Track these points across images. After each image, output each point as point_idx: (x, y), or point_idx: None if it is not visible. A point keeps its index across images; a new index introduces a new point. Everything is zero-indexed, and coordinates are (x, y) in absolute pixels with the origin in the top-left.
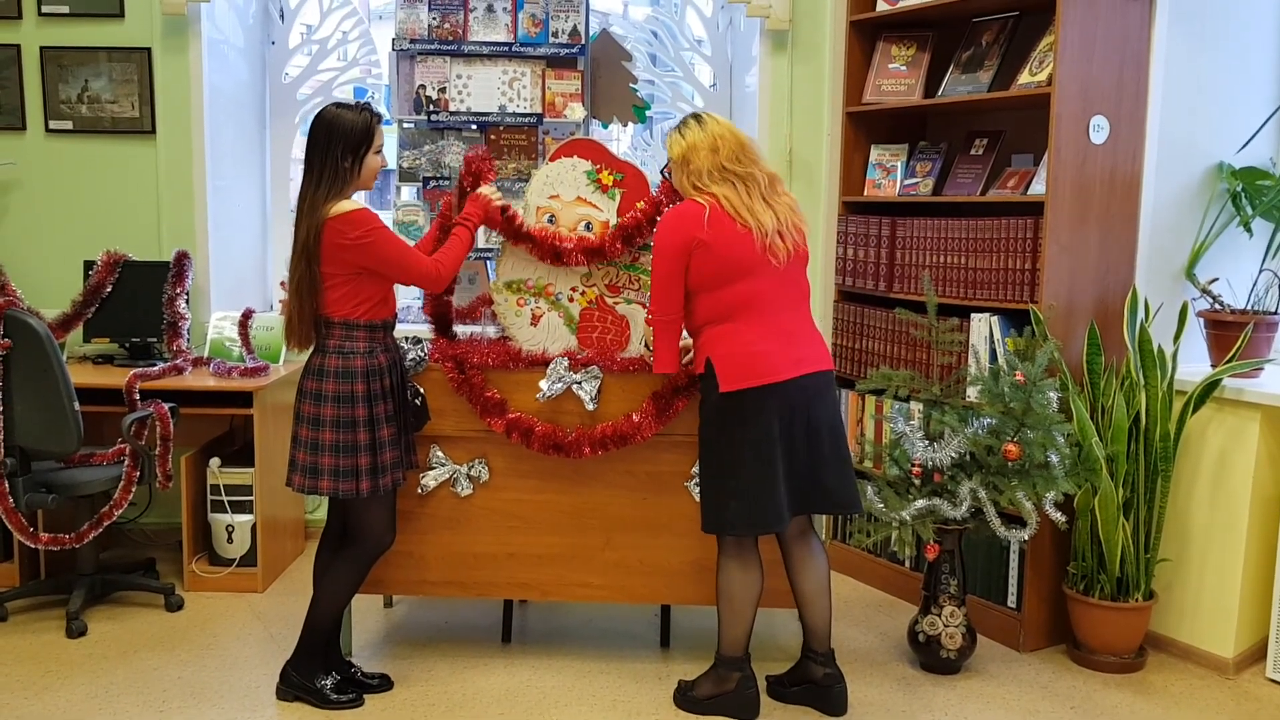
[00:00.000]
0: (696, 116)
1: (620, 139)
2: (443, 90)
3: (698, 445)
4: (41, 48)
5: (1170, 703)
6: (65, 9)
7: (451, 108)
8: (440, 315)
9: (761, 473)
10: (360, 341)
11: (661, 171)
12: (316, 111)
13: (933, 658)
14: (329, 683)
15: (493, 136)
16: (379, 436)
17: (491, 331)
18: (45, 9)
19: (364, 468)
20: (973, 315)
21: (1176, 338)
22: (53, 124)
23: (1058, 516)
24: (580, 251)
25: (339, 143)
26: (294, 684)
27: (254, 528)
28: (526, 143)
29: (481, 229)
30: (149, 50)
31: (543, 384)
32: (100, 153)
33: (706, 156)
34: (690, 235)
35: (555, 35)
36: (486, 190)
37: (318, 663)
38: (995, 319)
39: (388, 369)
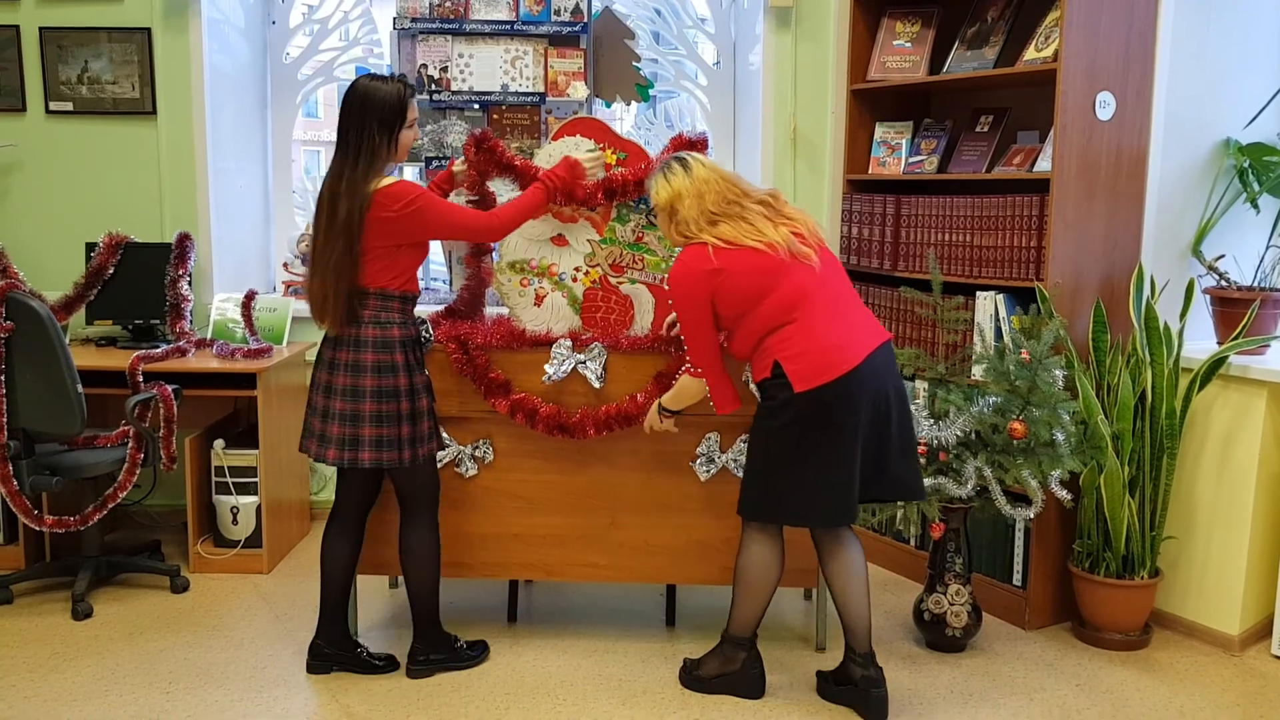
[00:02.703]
0: (681, 161)
1: (623, 118)
2: (444, 69)
3: (749, 433)
4: (41, 28)
5: (1175, 680)
6: None
7: (454, 87)
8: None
9: (834, 465)
10: (396, 312)
11: (648, 215)
12: (349, 85)
13: (938, 636)
14: (464, 644)
15: (495, 116)
16: (417, 406)
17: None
18: None
19: (405, 437)
20: (978, 293)
21: (1183, 315)
22: (53, 105)
23: (1063, 495)
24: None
25: (374, 117)
26: (434, 662)
27: (259, 509)
28: (529, 122)
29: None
30: (149, 30)
31: (548, 368)
32: (101, 134)
33: (693, 204)
34: (703, 271)
35: (557, 13)
36: (584, 156)
37: (443, 634)
38: (1000, 297)
39: (418, 341)
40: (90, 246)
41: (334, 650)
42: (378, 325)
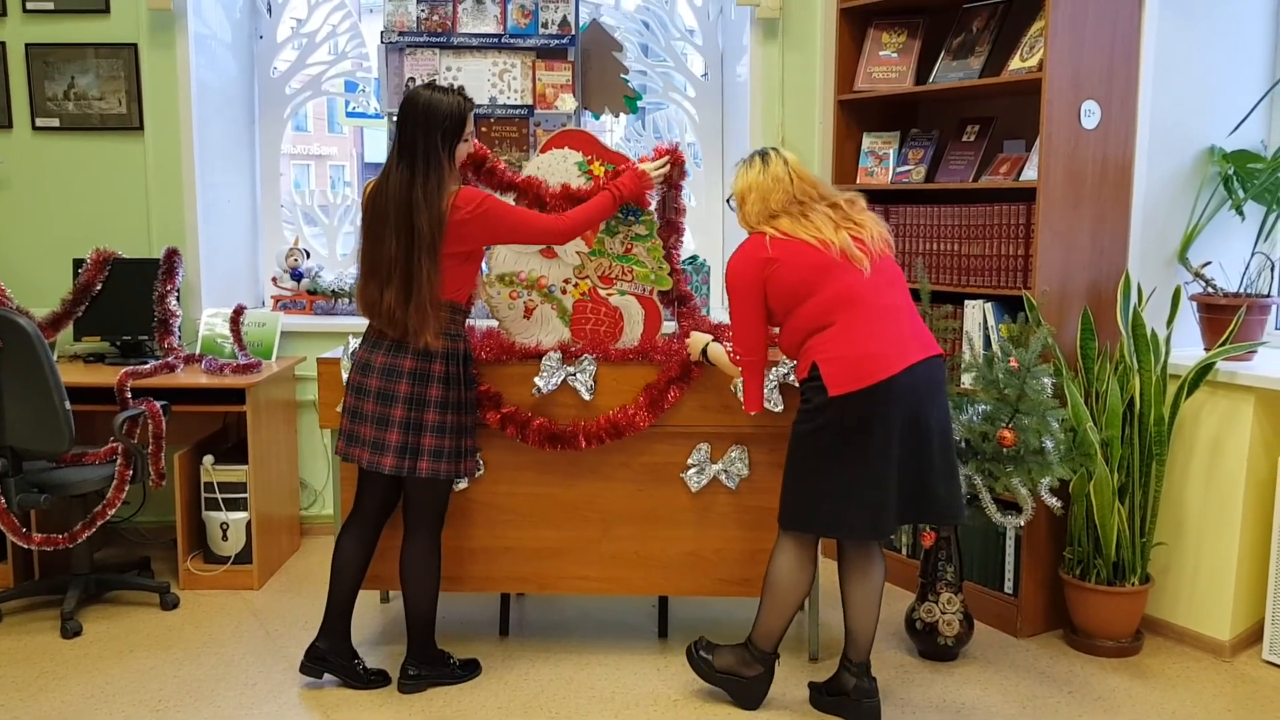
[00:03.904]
0: (763, 155)
1: (612, 130)
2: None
3: (790, 438)
4: (27, 44)
5: (1167, 686)
6: (50, 5)
7: None
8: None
9: (866, 478)
10: (461, 325)
11: (727, 201)
12: (408, 94)
13: (930, 645)
14: (456, 661)
15: (484, 129)
16: (471, 420)
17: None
18: (30, 5)
19: (466, 449)
20: (966, 302)
21: (1170, 322)
22: (39, 121)
23: (1053, 502)
24: (566, 198)
25: (437, 130)
26: (425, 677)
27: (248, 525)
28: (518, 135)
29: None
30: (135, 46)
31: (538, 380)
32: (88, 150)
33: (757, 202)
34: (757, 259)
35: (545, 26)
36: (650, 167)
37: (436, 650)
38: (989, 305)
39: (471, 355)
40: (78, 262)
41: (333, 655)
42: (448, 337)
